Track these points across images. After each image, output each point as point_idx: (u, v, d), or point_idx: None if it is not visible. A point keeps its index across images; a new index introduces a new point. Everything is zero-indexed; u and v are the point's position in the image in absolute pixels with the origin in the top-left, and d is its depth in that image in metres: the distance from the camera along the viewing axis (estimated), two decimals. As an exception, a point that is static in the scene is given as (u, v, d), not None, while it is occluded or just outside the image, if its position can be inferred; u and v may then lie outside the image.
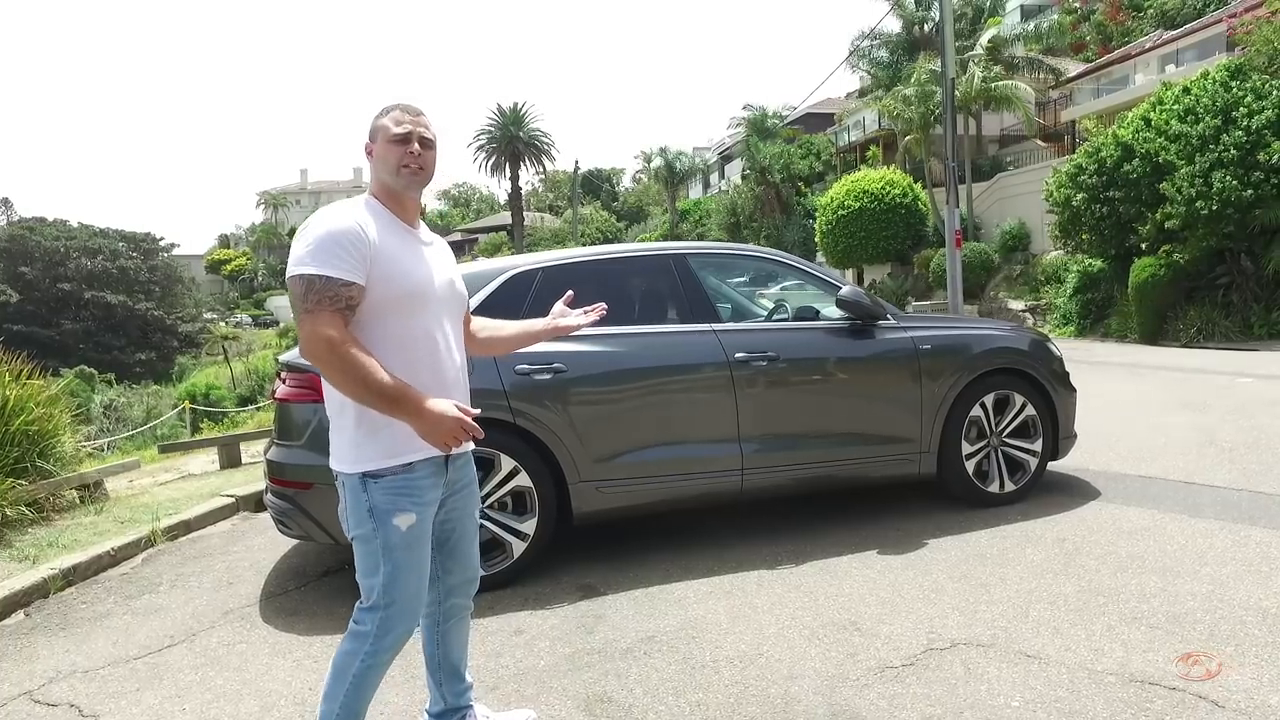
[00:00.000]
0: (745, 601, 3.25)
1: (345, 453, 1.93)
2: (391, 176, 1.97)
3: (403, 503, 1.91)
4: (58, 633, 3.45)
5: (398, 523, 1.90)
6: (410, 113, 2.00)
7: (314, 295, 1.78)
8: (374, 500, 1.90)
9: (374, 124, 2.00)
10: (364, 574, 1.96)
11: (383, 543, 1.90)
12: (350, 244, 1.82)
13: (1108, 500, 4.33)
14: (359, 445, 1.90)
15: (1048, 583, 3.23)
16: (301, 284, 1.80)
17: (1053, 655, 2.61)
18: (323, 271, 1.79)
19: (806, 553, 3.78)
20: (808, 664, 2.69)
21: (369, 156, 2.01)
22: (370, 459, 1.89)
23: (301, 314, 1.79)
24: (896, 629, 2.91)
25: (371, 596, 1.94)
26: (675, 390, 3.82)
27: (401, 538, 1.91)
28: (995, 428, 4.36)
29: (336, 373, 1.79)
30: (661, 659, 2.79)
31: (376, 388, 1.79)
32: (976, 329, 4.60)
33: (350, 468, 1.91)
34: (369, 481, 1.89)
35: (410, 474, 1.92)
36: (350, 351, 1.78)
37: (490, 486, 3.52)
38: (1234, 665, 2.46)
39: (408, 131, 1.96)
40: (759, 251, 4.69)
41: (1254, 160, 12.25)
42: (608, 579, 3.60)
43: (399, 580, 1.93)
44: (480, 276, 3.83)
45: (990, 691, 2.42)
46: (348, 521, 1.95)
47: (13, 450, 5.15)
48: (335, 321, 1.78)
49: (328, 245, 1.81)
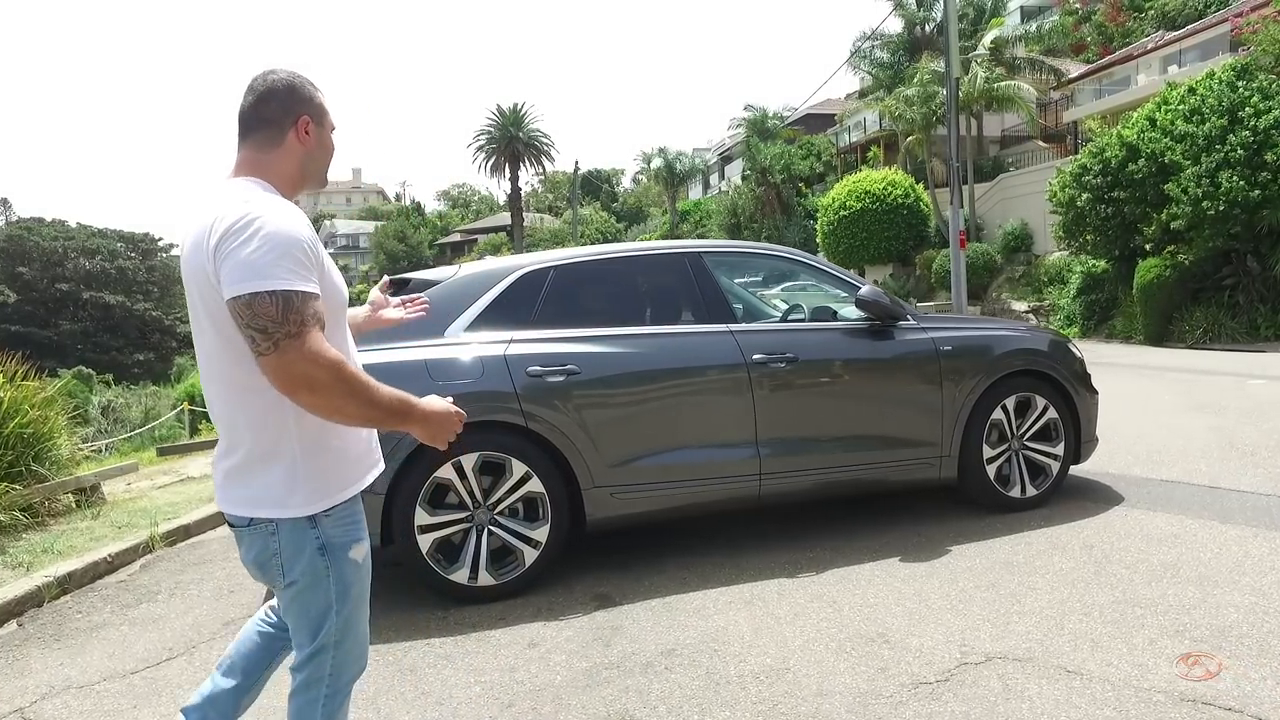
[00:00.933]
0: (767, 612, 3.13)
1: (279, 496, 1.62)
2: (321, 173, 1.73)
3: (355, 531, 1.71)
4: (52, 644, 3.32)
5: (353, 555, 1.69)
6: None
7: (295, 315, 1.47)
8: (326, 536, 1.65)
9: (315, 98, 1.68)
10: (307, 618, 1.68)
11: (336, 579, 1.67)
12: (312, 250, 1.55)
13: (1132, 505, 4.22)
14: (299, 485, 1.62)
15: (1080, 592, 3.12)
16: (277, 303, 1.46)
17: (1095, 671, 2.50)
18: (301, 287, 1.49)
19: (826, 560, 3.67)
20: (838, 679, 2.57)
21: (302, 134, 1.66)
22: (318, 498, 1.64)
23: (282, 339, 1.46)
24: (927, 641, 2.80)
25: (318, 636, 1.69)
26: (692, 393, 3.70)
27: (356, 571, 1.71)
28: (1016, 431, 4.25)
29: (342, 397, 1.52)
30: (684, 674, 2.67)
31: (386, 402, 1.57)
32: (997, 330, 4.49)
33: (295, 511, 1.62)
34: (318, 519, 1.65)
35: (355, 501, 1.73)
36: (352, 369, 1.54)
37: (502, 492, 3.41)
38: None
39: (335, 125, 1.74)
40: (776, 250, 4.58)
41: (1261, 160, 12.17)
42: (623, 588, 3.48)
43: (356, 616, 1.72)
44: (490, 275, 3.71)
45: (1033, 711, 2.31)
46: (281, 569, 1.65)
47: (7, 454, 5.03)
48: (324, 337, 1.51)
49: (293, 253, 1.51)
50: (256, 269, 1.46)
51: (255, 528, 1.64)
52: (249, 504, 1.63)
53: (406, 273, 3.97)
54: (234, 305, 1.47)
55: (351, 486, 1.70)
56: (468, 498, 3.38)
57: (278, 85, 1.65)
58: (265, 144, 1.64)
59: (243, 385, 1.58)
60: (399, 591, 3.60)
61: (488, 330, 3.55)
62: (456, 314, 3.57)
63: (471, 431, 3.38)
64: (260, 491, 1.62)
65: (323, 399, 1.51)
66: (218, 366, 1.60)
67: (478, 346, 3.48)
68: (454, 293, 3.63)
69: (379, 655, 2.95)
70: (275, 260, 1.47)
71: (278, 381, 1.49)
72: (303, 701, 1.71)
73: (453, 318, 3.55)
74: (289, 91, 1.65)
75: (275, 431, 1.60)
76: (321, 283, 1.58)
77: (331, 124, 1.73)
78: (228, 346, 1.56)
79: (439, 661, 2.88)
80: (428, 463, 3.31)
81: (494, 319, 3.58)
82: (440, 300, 3.60)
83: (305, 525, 1.63)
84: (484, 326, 3.56)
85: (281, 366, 1.47)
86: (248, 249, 1.47)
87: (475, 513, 3.40)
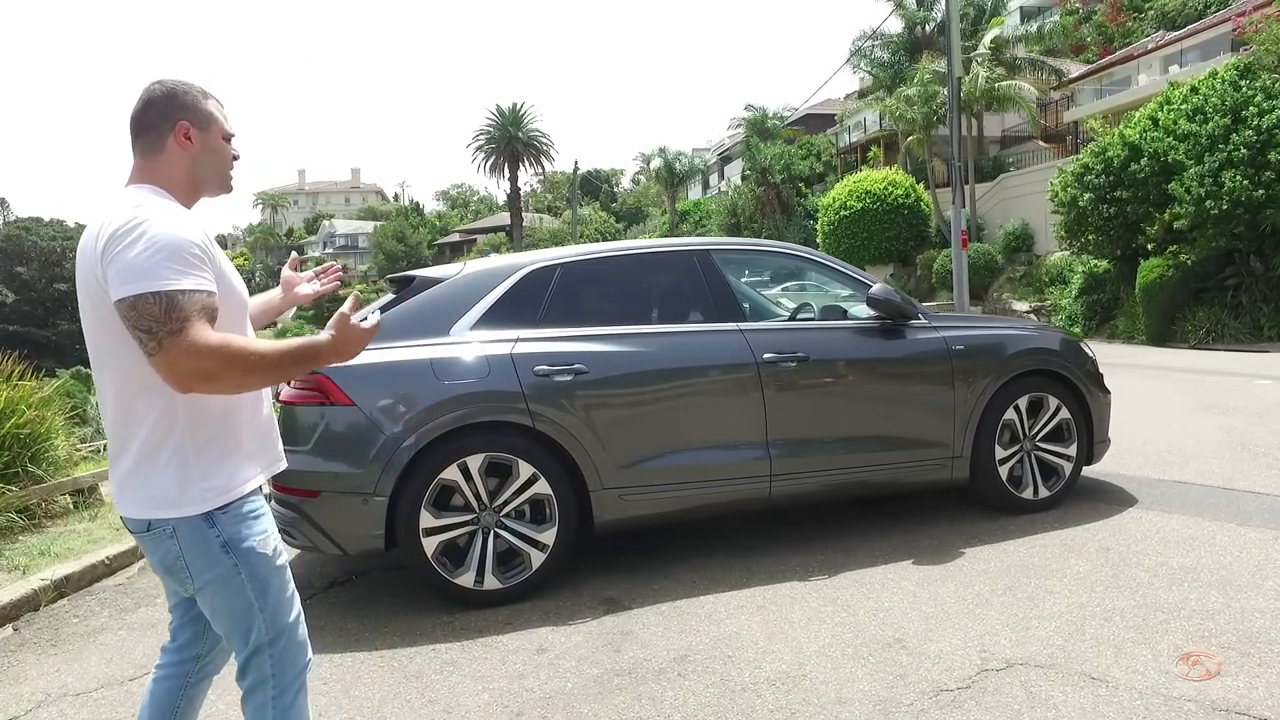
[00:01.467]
0: (780, 616, 3.06)
1: (173, 495, 1.60)
2: (216, 180, 1.71)
3: (257, 525, 1.68)
4: (48, 650, 3.25)
5: (261, 548, 1.66)
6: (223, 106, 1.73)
7: (179, 313, 1.47)
8: (227, 533, 1.63)
9: (198, 105, 1.67)
10: (232, 620, 1.66)
11: (249, 574, 1.64)
12: (203, 251, 1.55)
13: (1146, 507, 4.15)
14: (192, 483, 1.60)
15: (1099, 596, 3.05)
16: (160, 304, 1.46)
17: (1120, 678, 2.43)
18: (186, 285, 1.49)
19: (838, 563, 3.60)
20: (856, 686, 2.50)
21: (182, 140, 1.65)
22: (213, 495, 1.62)
23: (165, 338, 1.46)
24: (945, 647, 2.73)
25: (250, 639, 1.66)
26: (701, 393, 3.63)
27: (268, 563, 1.67)
28: (1028, 431, 4.19)
29: (241, 374, 1.53)
30: (697, 681, 2.60)
31: (290, 357, 1.57)
32: (1009, 329, 4.42)
33: (186, 510, 1.60)
34: (215, 516, 1.62)
35: (253, 497, 1.69)
36: (239, 345, 1.52)
37: (508, 494, 3.34)
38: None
39: (233, 132, 1.72)
40: (785, 248, 4.52)
41: (1264, 160, 12.12)
42: (631, 591, 3.41)
43: (280, 608, 1.68)
44: (496, 273, 3.64)
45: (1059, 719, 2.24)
46: (188, 572, 1.63)
47: (3, 454, 4.95)
48: (209, 327, 1.51)
49: (181, 254, 1.51)
50: (141, 271, 1.48)
51: (155, 532, 1.63)
52: (144, 505, 1.62)
53: (405, 273, 3.90)
54: (120, 308, 1.49)
55: (249, 482, 1.68)
56: (473, 500, 3.32)
57: (157, 93, 1.67)
58: (149, 150, 1.66)
59: (139, 384, 1.57)
60: (403, 595, 3.53)
61: (493, 329, 3.48)
62: (462, 312, 3.50)
63: (478, 432, 3.35)
64: (155, 491, 1.61)
65: (220, 384, 1.53)
66: (111, 369, 1.60)
67: (484, 345, 3.41)
68: (459, 291, 3.57)
69: (384, 661, 2.89)
70: (160, 262, 1.49)
71: (171, 380, 1.50)
72: (253, 708, 1.71)
73: (458, 316, 3.49)
74: (168, 98, 1.66)
75: (165, 430, 1.60)
76: (219, 282, 1.59)
77: (223, 130, 1.71)
78: (121, 348, 1.55)
79: (445, 668, 2.81)
80: (433, 464, 3.24)
81: (500, 317, 3.52)
82: (445, 298, 3.54)
83: (202, 524, 1.62)
84: (490, 325, 3.49)
85: (168, 365, 1.48)
86: (132, 252, 1.49)
87: (481, 515, 3.33)
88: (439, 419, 3.25)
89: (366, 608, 3.42)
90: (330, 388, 3.25)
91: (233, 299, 1.66)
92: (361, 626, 3.22)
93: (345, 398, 3.24)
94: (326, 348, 1.62)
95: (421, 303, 3.54)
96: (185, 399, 1.58)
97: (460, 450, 3.28)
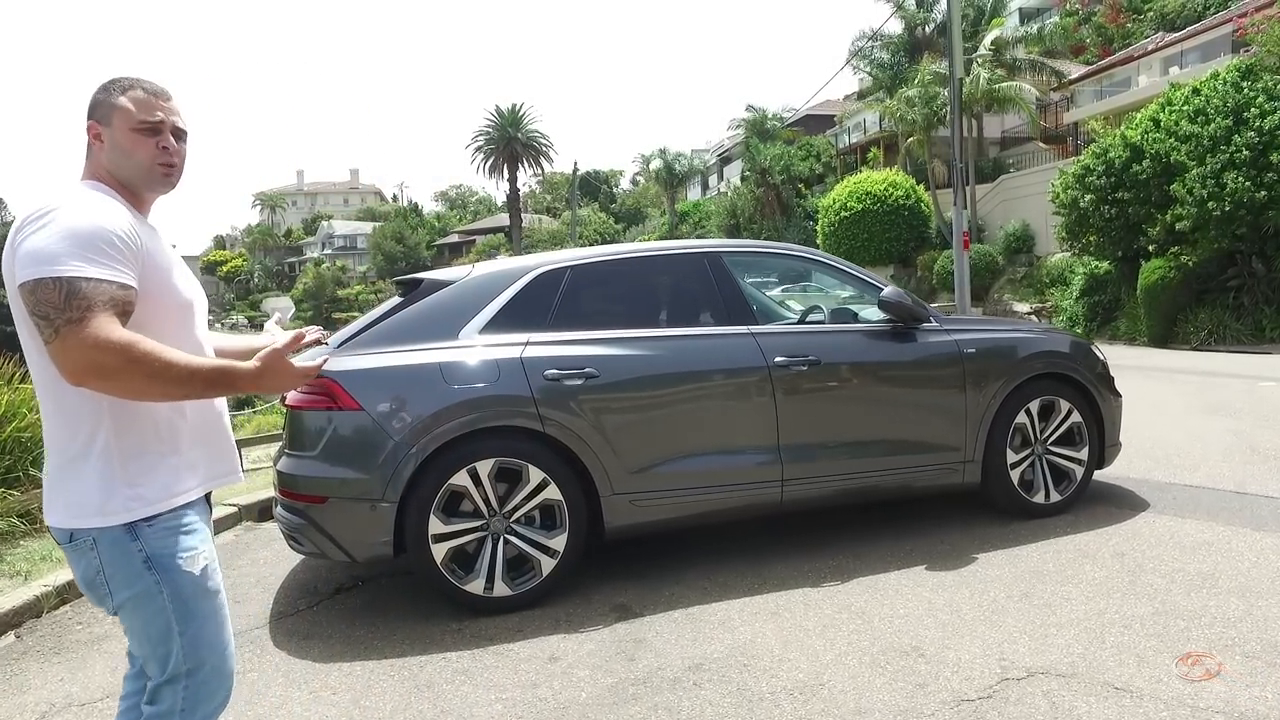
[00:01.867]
0: (794, 624, 3.03)
1: (96, 502, 1.50)
2: (139, 176, 1.61)
3: (189, 541, 1.57)
4: (51, 658, 3.20)
5: (188, 567, 1.56)
6: (159, 95, 1.63)
7: (80, 301, 1.39)
8: (151, 547, 1.53)
9: (105, 100, 1.60)
10: (149, 643, 1.56)
11: (172, 595, 1.54)
12: (123, 243, 1.48)
13: (1159, 512, 4.12)
14: (116, 491, 1.51)
15: (1117, 603, 3.02)
16: (60, 289, 1.39)
17: (1145, 688, 2.40)
18: (91, 274, 1.41)
19: (850, 569, 3.57)
20: (875, 696, 2.47)
21: (95, 141, 1.60)
22: (138, 505, 1.52)
23: (62, 326, 1.39)
24: (964, 655, 2.70)
25: (167, 665, 1.56)
26: (713, 396, 3.59)
27: (195, 583, 1.56)
28: (1040, 435, 4.16)
29: (140, 379, 1.42)
30: (714, 690, 2.56)
31: (198, 374, 1.47)
32: (1020, 331, 4.39)
33: (107, 520, 1.50)
34: (139, 528, 1.52)
35: (187, 511, 1.60)
36: (149, 348, 1.42)
37: (518, 499, 3.30)
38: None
39: (159, 120, 1.60)
40: (795, 250, 4.48)
41: (1266, 161, 12.12)
42: (642, 598, 3.37)
43: (204, 636, 1.57)
44: (505, 276, 3.60)
45: (1084, 730, 2.21)
46: (107, 587, 1.53)
47: (4, 458, 4.91)
48: (116, 322, 1.42)
49: (93, 242, 1.44)
50: (43, 256, 1.42)
51: (77, 543, 1.53)
52: (66, 513, 1.53)
53: (405, 275, 3.86)
54: (21, 293, 1.43)
55: (180, 494, 1.58)
56: (483, 505, 3.27)
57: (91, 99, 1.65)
58: (86, 152, 1.64)
59: (54, 379, 1.49)
60: (411, 602, 3.48)
61: (503, 332, 3.44)
62: (471, 315, 3.46)
63: (487, 437, 3.31)
64: (77, 498, 1.52)
65: (115, 383, 1.44)
66: (36, 367, 1.54)
67: (493, 349, 3.37)
68: (468, 293, 3.53)
69: (394, 670, 2.85)
70: (65, 248, 1.43)
71: (63, 369, 1.42)
72: None
73: (467, 319, 3.45)
74: (90, 104, 1.63)
75: (90, 432, 1.51)
76: (152, 280, 1.54)
77: (128, 122, 1.59)
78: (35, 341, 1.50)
79: (457, 677, 2.77)
80: (442, 469, 3.20)
81: (509, 320, 3.47)
82: (454, 301, 3.50)
83: (124, 536, 1.52)
84: (499, 328, 3.45)
85: (62, 353, 1.41)
86: (38, 237, 1.44)
87: (491, 521, 3.29)
88: (448, 423, 3.21)
89: (374, 615, 3.38)
90: (337, 391, 3.21)
91: (170, 298, 1.58)
92: (370, 634, 3.18)
93: (353, 402, 3.20)
94: (246, 377, 1.54)
95: (430, 305, 3.50)
96: (115, 399, 1.49)
97: (470, 455, 3.23)
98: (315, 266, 64.96)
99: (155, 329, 1.51)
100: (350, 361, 3.29)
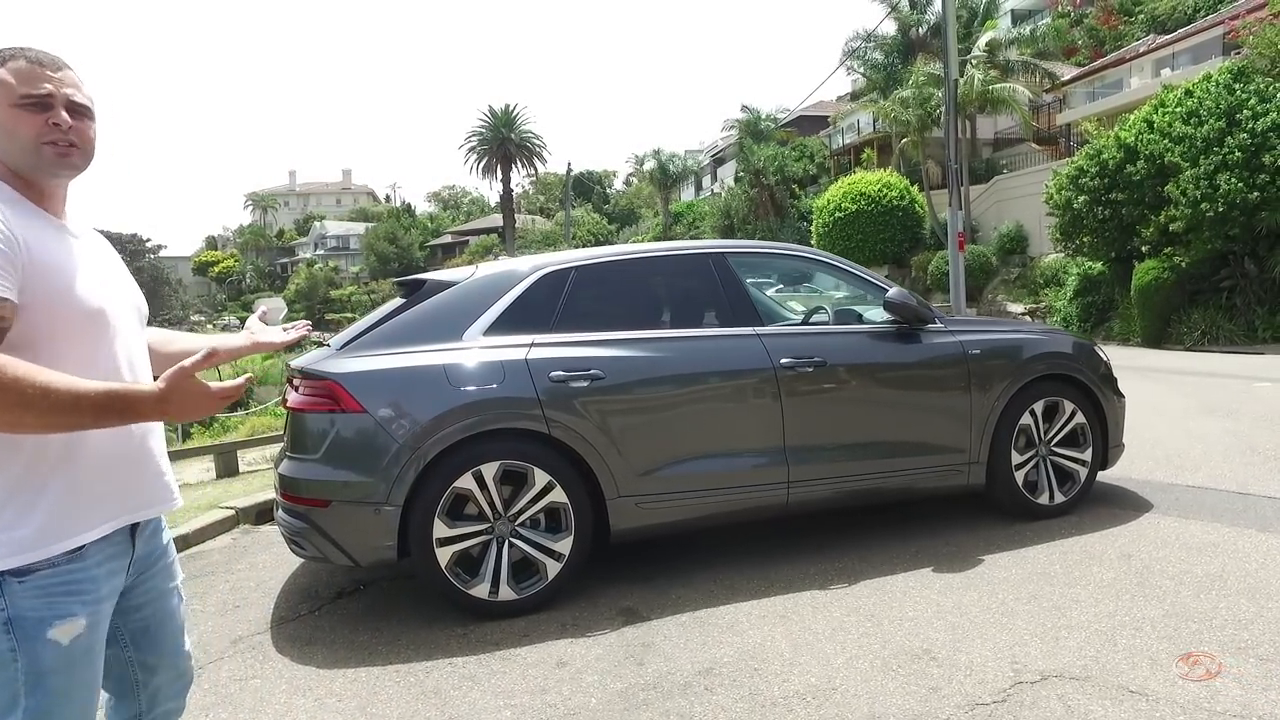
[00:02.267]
0: (804, 627, 3.00)
1: None
2: (26, 158, 1.38)
3: (65, 605, 1.33)
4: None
5: (55, 635, 1.32)
6: (48, 65, 1.40)
7: None
8: (15, 607, 1.29)
9: None
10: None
11: (26, 667, 1.30)
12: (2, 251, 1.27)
13: (1163, 513, 4.12)
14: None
15: (1126, 605, 3.01)
16: None
17: (1160, 691, 2.38)
18: None
19: (858, 571, 3.55)
20: (889, 700, 2.44)
21: None
22: (14, 549, 1.30)
23: None
24: (975, 658, 2.68)
25: None
26: (719, 398, 3.57)
27: (59, 656, 1.33)
28: (1044, 436, 4.15)
29: (13, 408, 1.20)
30: (726, 695, 2.53)
31: (86, 400, 1.25)
32: (1023, 332, 4.39)
33: None
34: (6, 581, 1.30)
35: (79, 562, 1.36)
36: (20, 372, 1.21)
37: (523, 503, 3.26)
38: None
39: (48, 93, 1.38)
40: (799, 250, 4.46)
41: (1259, 163, 12.18)
42: (649, 601, 3.34)
43: (54, 717, 1.34)
44: (509, 277, 3.57)
45: (1101, 734, 2.19)
46: None
47: None
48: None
49: None
50: None
51: None
52: None
53: (398, 276, 3.82)
54: None
55: (75, 536, 1.35)
56: (488, 508, 3.24)
57: None
58: None
59: None
60: (414, 606, 3.45)
61: (508, 333, 3.41)
62: (475, 316, 3.42)
63: (492, 439, 3.28)
64: None
65: None
66: None
67: (498, 350, 3.34)
68: (472, 294, 3.49)
69: (400, 676, 2.81)
70: None
71: None
72: None
73: (471, 320, 3.41)
74: None
75: None
76: (41, 287, 1.32)
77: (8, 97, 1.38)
78: None
79: (464, 683, 2.74)
80: (446, 472, 3.16)
81: (514, 322, 3.44)
82: (458, 302, 3.47)
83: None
84: (504, 330, 3.42)
85: None
86: None
87: (496, 524, 3.26)
88: (453, 426, 3.17)
89: (378, 620, 3.34)
90: (340, 394, 3.17)
91: (69, 308, 1.35)
92: (374, 639, 3.14)
93: (356, 404, 3.16)
94: (148, 401, 1.30)
95: (433, 307, 3.46)
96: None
97: (474, 458, 3.20)
98: (308, 267, 64.64)
99: (55, 347, 1.32)
100: (353, 363, 3.26)
